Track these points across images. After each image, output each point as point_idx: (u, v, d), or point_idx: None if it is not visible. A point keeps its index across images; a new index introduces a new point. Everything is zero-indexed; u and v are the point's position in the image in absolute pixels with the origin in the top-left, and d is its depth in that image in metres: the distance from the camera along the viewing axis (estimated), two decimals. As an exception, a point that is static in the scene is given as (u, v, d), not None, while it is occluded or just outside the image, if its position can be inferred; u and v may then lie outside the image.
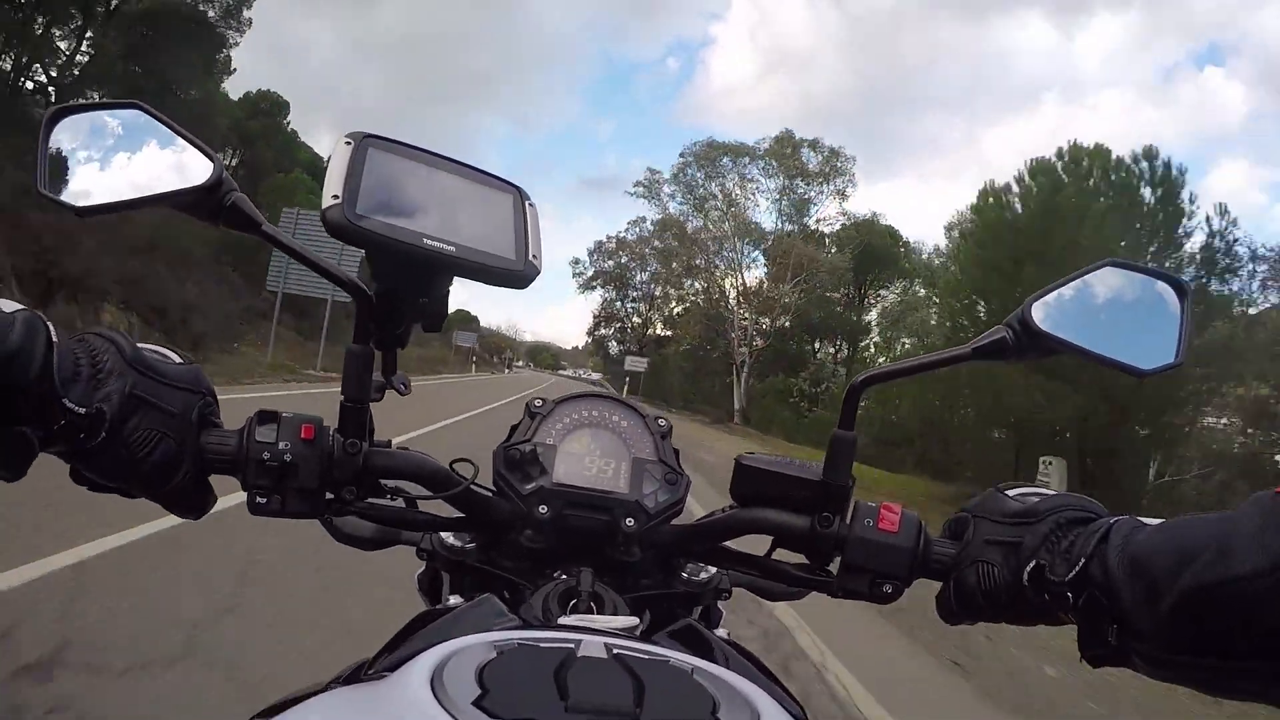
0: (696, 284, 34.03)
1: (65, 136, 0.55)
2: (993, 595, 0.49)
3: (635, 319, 42.84)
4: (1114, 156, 13.04)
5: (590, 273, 41.79)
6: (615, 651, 0.36)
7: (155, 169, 0.55)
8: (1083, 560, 0.44)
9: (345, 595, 2.71)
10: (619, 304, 43.43)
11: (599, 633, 0.40)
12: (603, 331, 46.78)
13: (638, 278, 40.55)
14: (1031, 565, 0.47)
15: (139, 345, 0.50)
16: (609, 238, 40.80)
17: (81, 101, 0.58)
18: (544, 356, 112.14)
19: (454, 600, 0.48)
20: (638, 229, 37.58)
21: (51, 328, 0.42)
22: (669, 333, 38.87)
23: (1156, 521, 0.44)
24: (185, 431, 0.48)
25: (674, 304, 38.14)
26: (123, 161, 0.56)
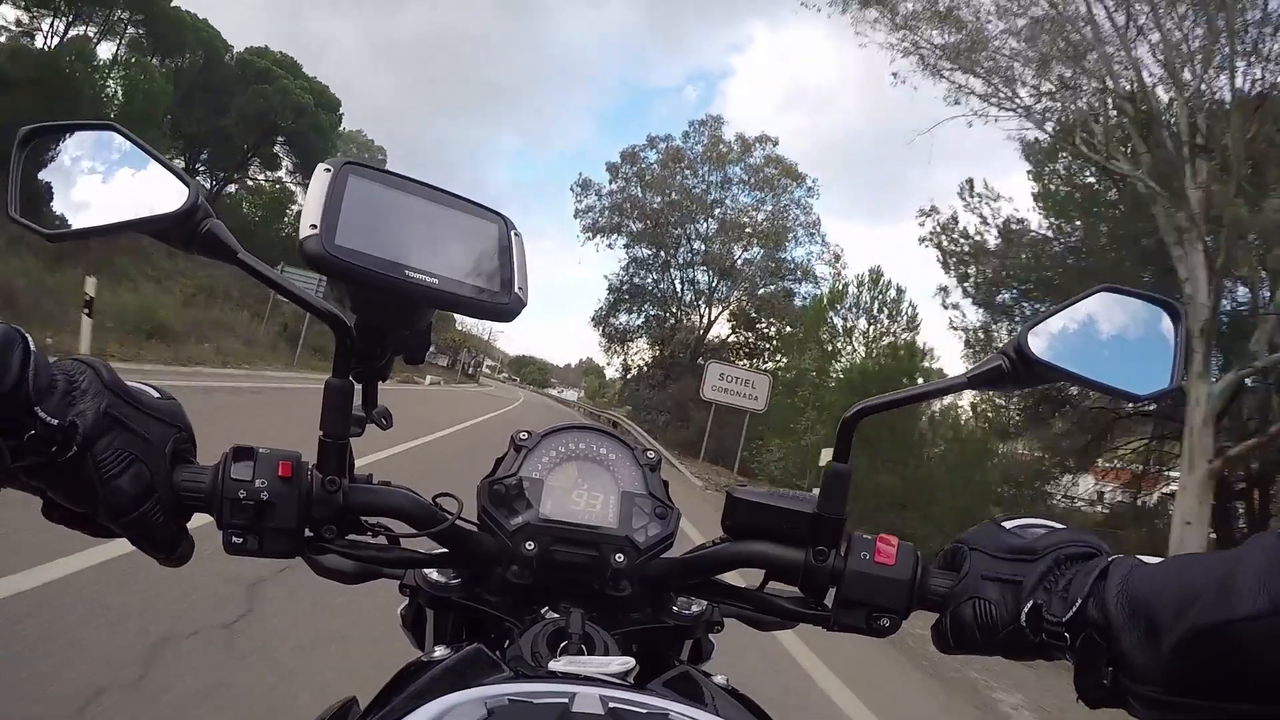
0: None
1: (38, 158, 0.53)
2: (989, 632, 0.48)
3: (685, 311, 25.88)
4: None
5: (603, 208, 25.66)
6: (611, 705, 0.34)
7: (129, 193, 0.53)
8: (1079, 601, 0.44)
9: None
10: (654, 273, 26.03)
11: (593, 681, 0.38)
12: (622, 321, 27.22)
13: (693, 229, 24.71)
14: (1029, 606, 0.46)
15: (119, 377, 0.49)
16: (652, 139, 25.63)
17: (54, 122, 0.56)
18: (530, 370, 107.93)
19: (439, 652, 0.47)
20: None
21: (30, 340, 0.42)
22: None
23: (1155, 560, 0.43)
24: (158, 461, 0.47)
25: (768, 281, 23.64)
26: (96, 185, 0.54)
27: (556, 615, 0.51)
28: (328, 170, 0.50)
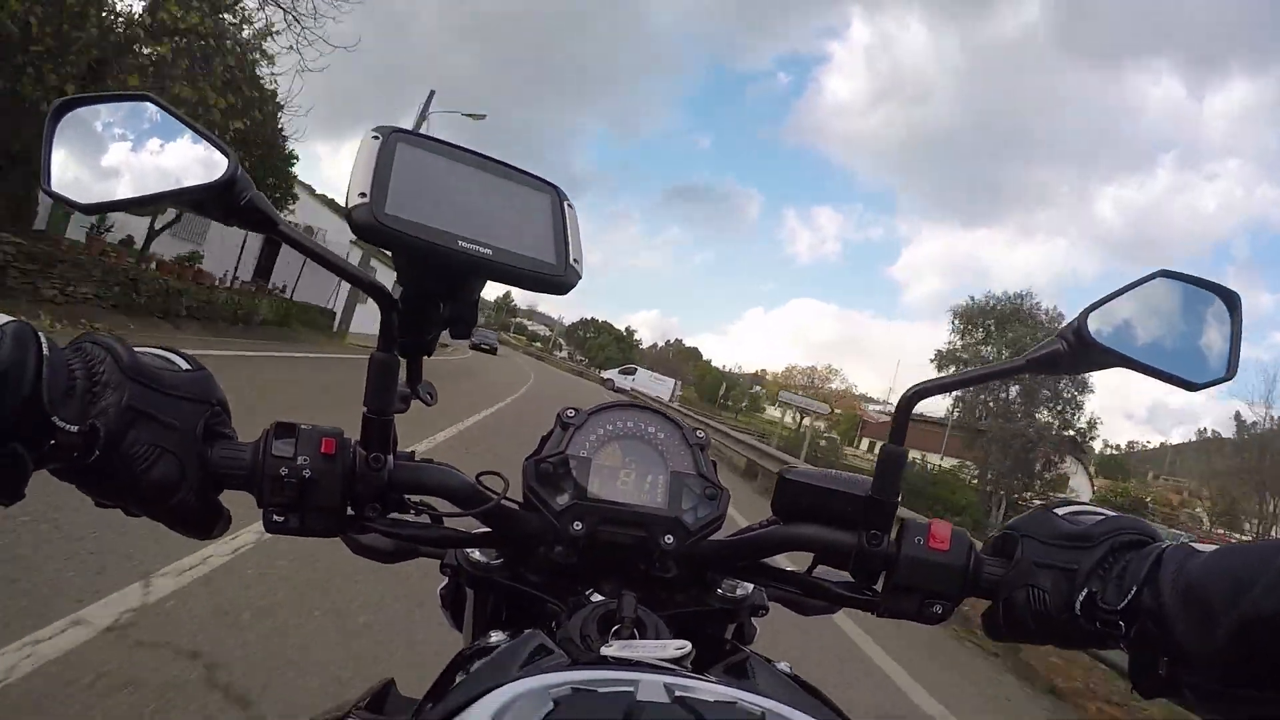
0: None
1: (72, 130, 0.52)
2: (1043, 619, 0.48)
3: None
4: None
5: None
6: (677, 694, 0.33)
7: (166, 164, 0.52)
8: (1135, 588, 0.43)
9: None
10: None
11: (653, 668, 0.37)
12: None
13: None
14: (1084, 594, 0.45)
15: (140, 350, 0.47)
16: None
17: (89, 94, 0.55)
18: (600, 343, 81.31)
19: (495, 636, 0.46)
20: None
21: (44, 339, 0.39)
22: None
23: (1210, 548, 0.42)
24: (188, 446, 0.45)
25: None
26: (132, 156, 0.53)
27: (601, 597, 0.50)
28: (376, 138, 0.48)
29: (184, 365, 0.48)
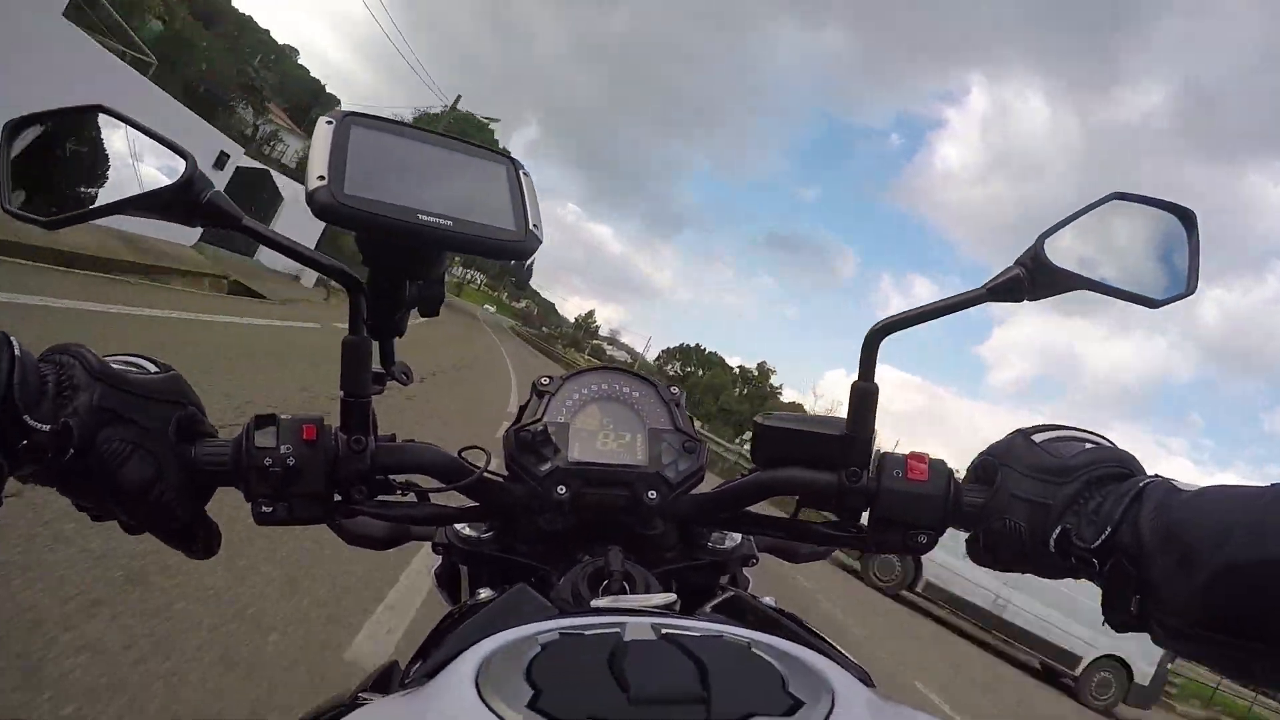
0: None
1: (27, 146, 0.53)
2: (1019, 552, 0.48)
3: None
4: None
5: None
6: (665, 632, 0.34)
7: (124, 171, 0.52)
8: (1110, 527, 0.43)
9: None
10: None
11: (641, 613, 0.38)
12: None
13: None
14: (1059, 530, 0.45)
15: (110, 356, 0.48)
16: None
17: (40, 111, 0.55)
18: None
19: (484, 594, 0.46)
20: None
21: (15, 342, 0.40)
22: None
23: (1192, 488, 0.42)
24: (161, 444, 0.46)
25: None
26: (90, 167, 0.54)
27: (594, 557, 0.51)
28: (330, 122, 0.49)
29: (153, 369, 0.49)
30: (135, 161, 0.52)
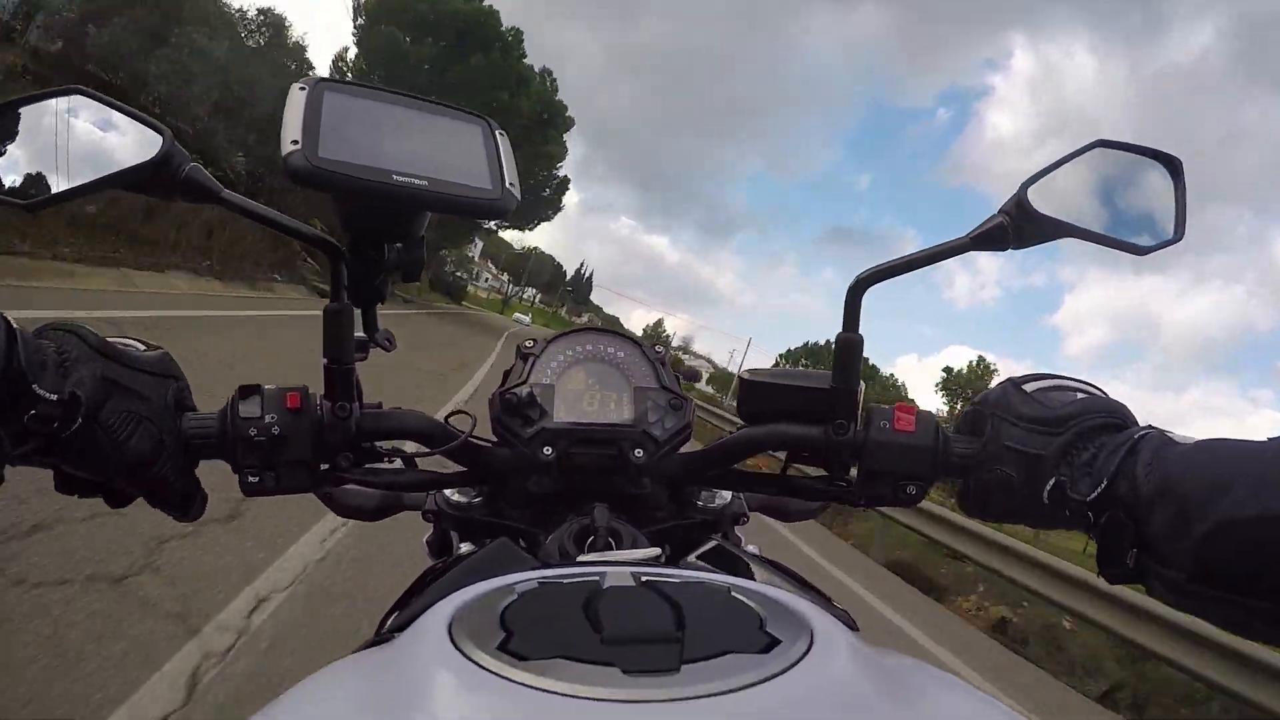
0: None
1: (4, 133, 0.53)
2: (1012, 504, 0.48)
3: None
4: None
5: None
6: (645, 579, 0.33)
7: (101, 151, 0.53)
8: (1105, 479, 0.42)
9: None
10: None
11: (623, 564, 0.38)
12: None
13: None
14: (1052, 482, 0.45)
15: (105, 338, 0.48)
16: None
17: (17, 96, 0.55)
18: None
19: (465, 547, 0.46)
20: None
21: (11, 320, 0.40)
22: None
23: (1188, 440, 0.41)
24: (163, 416, 0.46)
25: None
26: (68, 149, 0.54)
27: (582, 516, 0.51)
28: (302, 89, 0.49)
29: (142, 347, 0.50)
30: (113, 140, 0.52)
